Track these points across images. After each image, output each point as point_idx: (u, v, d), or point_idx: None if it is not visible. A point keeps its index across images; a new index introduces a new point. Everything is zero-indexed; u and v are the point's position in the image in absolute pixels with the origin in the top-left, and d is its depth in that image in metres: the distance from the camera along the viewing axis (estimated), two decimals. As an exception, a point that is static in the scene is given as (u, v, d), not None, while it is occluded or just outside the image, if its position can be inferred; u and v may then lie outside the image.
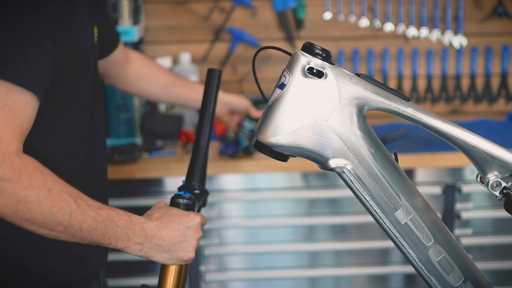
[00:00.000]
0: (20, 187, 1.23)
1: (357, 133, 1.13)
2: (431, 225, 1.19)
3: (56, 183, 1.29)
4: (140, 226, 1.38)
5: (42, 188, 1.25)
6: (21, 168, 1.24)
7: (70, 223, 1.29)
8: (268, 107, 1.14)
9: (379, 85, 1.14)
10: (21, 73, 1.29)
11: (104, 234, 1.33)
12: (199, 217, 1.45)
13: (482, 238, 2.73)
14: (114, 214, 1.35)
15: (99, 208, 1.34)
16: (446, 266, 1.19)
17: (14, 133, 1.26)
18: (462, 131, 1.14)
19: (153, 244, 1.39)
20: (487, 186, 1.16)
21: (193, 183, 1.55)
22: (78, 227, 1.30)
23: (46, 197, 1.26)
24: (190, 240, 1.42)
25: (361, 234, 2.71)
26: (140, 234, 1.38)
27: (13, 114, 1.26)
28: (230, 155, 2.60)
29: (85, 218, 1.30)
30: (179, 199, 1.48)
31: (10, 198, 1.23)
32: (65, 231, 1.30)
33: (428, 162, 2.62)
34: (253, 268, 2.71)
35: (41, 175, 1.26)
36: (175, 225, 1.41)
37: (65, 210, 1.28)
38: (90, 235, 1.32)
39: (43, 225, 1.27)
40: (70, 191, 1.30)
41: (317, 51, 1.13)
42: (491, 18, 3.09)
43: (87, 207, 1.31)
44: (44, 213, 1.26)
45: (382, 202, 1.16)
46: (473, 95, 3.16)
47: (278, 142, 1.13)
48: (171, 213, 1.43)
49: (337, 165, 1.14)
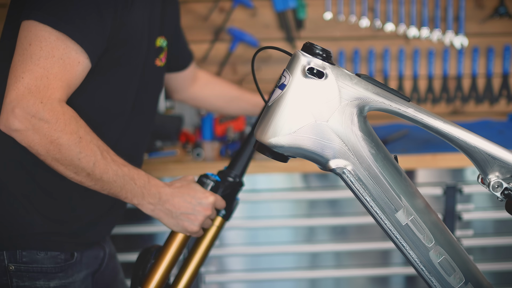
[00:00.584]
0: (55, 129, 1.38)
1: (357, 134, 1.13)
2: (432, 226, 1.19)
3: (88, 134, 1.43)
4: (156, 189, 1.54)
5: (74, 134, 1.40)
6: (59, 113, 1.38)
7: (93, 170, 1.44)
8: (268, 107, 1.14)
9: (380, 86, 1.14)
10: (81, 33, 1.41)
11: (122, 187, 1.49)
12: (213, 197, 1.59)
13: (483, 239, 2.73)
14: (135, 172, 1.51)
15: (123, 165, 1.49)
16: (447, 268, 1.19)
17: (61, 84, 1.40)
18: (463, 132, 1.14)
19: (164, 208, 1.55)
20: (488, 187, 1.16)
21: (232, 171, 1.66)
22: (100, 176, 1.45)
23: (76, 143, 1.40)
24: (198, 215, 1.57)
25: (361, 235, 2.71)
26: (155, 196, 1.53)
27: (65, 69, 1.40)
28: (230, 156, 2.60)
29: (107, 169, 1.45)
30: (205, 179, 1.63)
31: (45, 138, 1.38)
32: (88, 177, 1.44)
33: (429, 163, 2.61)
34: (253, 270, 2.71)
35: (76, 124, 1.41)
36: (189, 197, 1.56)
37: (90, 158, 1.43)
38: (109, 186, 1.47)
39: (70, 167, 1.42)
40: (99, 143, 1.45)
41: (317, 51, 1.12)
42: (493, 18, 3.09)
43: (111, 160, 1.46)
44: (72, 157, 1.41)
45: (382, 203, 1.15)
46: (474, 95, 3.16)
47: (278, 142, 1.13)
48: (190, 186, 1.58)
49: (338, 166, 1.14)
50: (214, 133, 2.84)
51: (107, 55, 1.52)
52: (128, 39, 1.54)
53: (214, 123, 2.84)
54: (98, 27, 1.44)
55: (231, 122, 2.83)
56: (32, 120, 1.37)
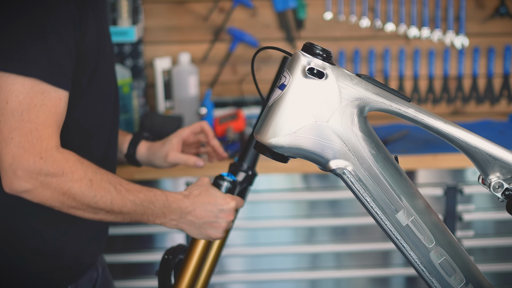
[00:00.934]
0: (64, 181, 1.37)
1: (358, 134, 1.13)
2: (433, 226, 1.19)
3: (96, 173, 1.42)
4: (176, 204, 1.52)
5: (83, 179, 1.39)
6: (62, 163, 1.37)
7: (112, 208, 1.43)
8: (268, 107, 1.14)
9: (380, 86, 1.14)
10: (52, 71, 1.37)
11: (143, 213, 1.49)
12: (234, 202, 1.58)
13: (484, 240, 2.73)
14: (152, 195, 1.49)
15: (137, 191, 1.48)
16: (447, 268, 1.19)
17: (52, 130, 1.37)
18: (464, 132, 1.14)
19: (187, 220, 1.54)
20: (489, 187, 1.16)
21: (244, 163, 1.65)
22: (119, 210, 1.45)
23: (88, 188, 1.39)
24: (221, 222, 1.57)
25: (361, 236, 2.71)
26: (176, 211, 1.53)
27: (50, 112, 1.37)
28: (230, 156, 2.60)
29: (125, 202, 1.45)
30: (221, 180, 1.61)
31: (56, 191, 1.37)
32: (107, 214, 1.44)
33: (430, 163, 2.61)
34: (253, 270, 2.71)
35: (82, 167, 1.40)
36: (210, 205, 1.55)
37: (106, 197, 1.42)
38: (130, 216, 1.47)
39: (88, 210, 1.42)
40: (109, 178, 1.44)
41: (317, 52, 1.12)
42: (493, 18, 3.09)
43: (126, 192, 1.45)
44: (88, 202, 1.40)
45: (383, 204, 1.15)
46: (475, 95, 3.16)
47: (278, 143, 1.13)
48: (209, 193, 1.56)
49: (338, 166, 1.14)
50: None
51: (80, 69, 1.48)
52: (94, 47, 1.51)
53: (214, 124, 2.84)
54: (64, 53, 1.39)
55: (231, 123, 2.82)
56: (39, 178, 1.35)
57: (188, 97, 2.95)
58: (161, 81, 2.96)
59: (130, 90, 2.84)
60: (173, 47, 3.06)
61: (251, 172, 1.67)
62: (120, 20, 2.77)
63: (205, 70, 3.08)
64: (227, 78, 3.08)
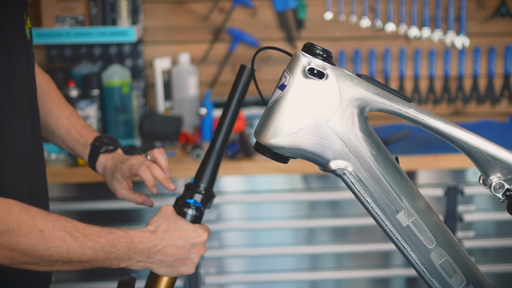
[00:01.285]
0: (10, 236, 1.20)
1: (358, 135, 1.13)
2: (433, 227, 1.19)
3: (47, 221, 1.24)
4: (143, 244, 1.36)
5: (33, 231, 1.22)
6: (5, 216, 1.19)
7: (69, 258, 1.27)
8: (269, 108, 1.14)
9: (381, 86, 1.14)
10: None
11: (105, 259, 1.32)
12: (206, 234, 1.43)
13: (484, 241, 2.73)
14: (113, 237, 1.32)
15: (97, 236, 1.30)
16: (448, 269, 1.19)
17: None
18: (465, 133, 1.14)
19: (155, 259, 1.38)
20: (490, 188, 1.15)
21: (201, 184, 1.48)
22: (78, 259, 1.28)
23: (40, 240, 1.23)
24: (193, 257, 1.41)
25: (362, 236, 2.71)
26: (143, 252, 1.36)
27: None
28: (230, 157, 2.60)
29: (83, 250, 1.28)
30: (187, 209, 1.43)
31: (3, 248, 1.20)
32: (65, 265, 1.28)
33: (430, 163, 2.62)
34: (253, 271, 2.71)
35: (29, 217, 1.22)
36: (181, 241, 1.40)
37: (62, 248, 1.25)
38: (91, 263, 1.31)
39: (42, 264, 1.26)
40: (63, 225, 1.27)
41: (318, 52, 1.12)
42: (494, 18, 3.09)
43: (84, 237, 1.28)
44: (41, 255, 1.24)
45: (383, 204, 1.15)
46: (475, 96, 3.16)
47: (278, 143, 1.13)
48: (178, 226, 1.41)
49: (338, 167, 1.14)
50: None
51: None
52: None
53: (214, 124, 2.84)
54: None
55: (231, 123, 2.82)
56: None
57: (188, 97, 2.95)
58: (160, 81, 2.96)
59: (129, 91, 2.84)
60: (173, 47, 3.06)
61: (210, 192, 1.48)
62: (120, 20, 2.77)
63: (205, 70, 3.08)
64: (227, 79, 3.08)
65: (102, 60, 2.97)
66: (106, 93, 2.80)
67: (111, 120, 2.81)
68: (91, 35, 2.75)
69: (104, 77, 2.82)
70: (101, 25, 2.78)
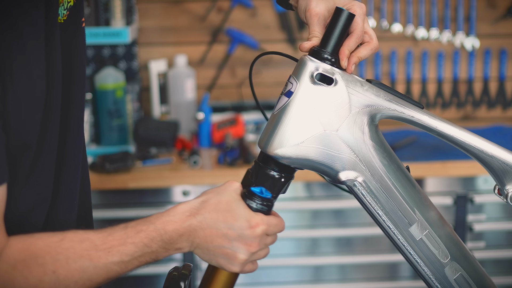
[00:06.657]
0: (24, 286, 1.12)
1: (369, 144, 1.12)
2: (447, 240, 1.18)
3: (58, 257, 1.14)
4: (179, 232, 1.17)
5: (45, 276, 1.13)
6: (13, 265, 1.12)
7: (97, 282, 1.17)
8: (274, 116, 1.13)
9: (392, 92, 1.13)
10: None
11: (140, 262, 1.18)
12: (262, 227, 1.19)
13: (496, 252, 2.72)
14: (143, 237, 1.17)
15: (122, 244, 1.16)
16: (463, 284, 1.18)
17: None
18: (480, 140, 1.13)
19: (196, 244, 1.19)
20: (506, 198, 1.15)
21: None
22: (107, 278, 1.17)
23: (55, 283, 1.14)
24: (237, 252, 1.17)
25: (368, 247, 2.70)
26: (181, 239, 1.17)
27: None
28: (229, 164, 2.59)
29: (110, 268, 1.16)
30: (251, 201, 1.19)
31: None
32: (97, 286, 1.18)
33: (439, 171, 2.61)
34: (253, 284, 2.70)
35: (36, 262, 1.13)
36: (224, 226, 1.16)
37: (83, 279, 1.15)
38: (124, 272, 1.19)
39: None
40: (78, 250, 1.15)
41: (325, 56, 1.12)
42: (505, 19, 3.09)
43: (106, 254, 1.16)
44: None
45: (395, 217, 1.14)
46: (486, 100, 3.16)
47: (284, 154, 1.11)
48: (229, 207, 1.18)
49: (348, 178, 1.13)
50: (211, 140, 2.83)
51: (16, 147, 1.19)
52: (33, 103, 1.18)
53: (212, 129, 2.83)
54: None
55: (230, 128, 2.82)
56: None
57: (184, 101, 2.95)
58: (156, 84, 2.96)
59: (123, 94, 2.83)
60: (169, 48, 3.06)
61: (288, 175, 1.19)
62: (113, 20, 2.77)
63: (203, 73, 3.08)
64: (225, 82, 3.08)
65: (95, 62, 2.96)
66: (99, 97, 2.80)
67: (104, 125, 2.81)
68: (84, 36, 2.74)
69: (97, 80, 2.81)
70: (93, 25, 2.77)
